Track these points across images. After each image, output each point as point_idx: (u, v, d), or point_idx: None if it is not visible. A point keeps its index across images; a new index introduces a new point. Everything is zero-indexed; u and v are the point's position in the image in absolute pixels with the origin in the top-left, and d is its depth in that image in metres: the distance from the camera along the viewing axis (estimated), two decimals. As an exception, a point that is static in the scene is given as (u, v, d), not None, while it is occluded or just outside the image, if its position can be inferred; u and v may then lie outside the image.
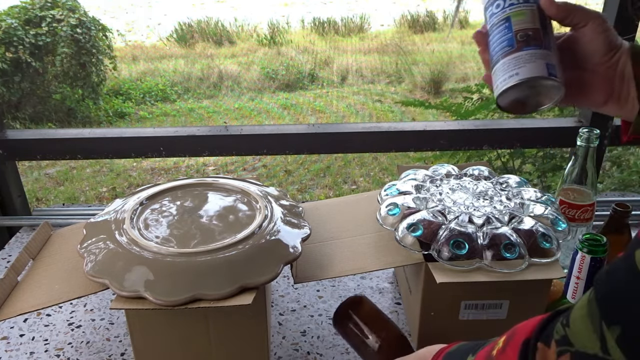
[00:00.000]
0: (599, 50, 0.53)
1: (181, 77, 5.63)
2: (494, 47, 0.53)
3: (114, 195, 3.35)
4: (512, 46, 0.51)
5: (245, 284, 0.63)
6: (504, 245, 0.68)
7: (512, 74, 0.50)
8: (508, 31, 0.52)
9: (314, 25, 7.06)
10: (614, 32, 0.53)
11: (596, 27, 0.52)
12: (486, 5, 0.56)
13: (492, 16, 0.54)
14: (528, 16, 0.52)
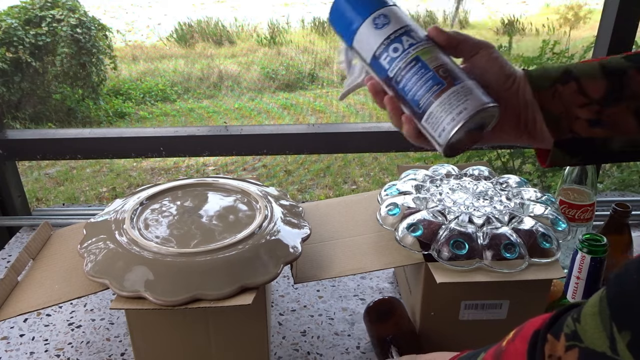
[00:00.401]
0: (496, 79, 0.50)
1: (181, 77, 5.63)
2: (414, 91, 0.48)
3: (114, 195, 3.35)
4: (441, 84, 0.47)
5: (245, 284, 0.63)
6: (504, 245, 0.68)
7: (459, 111, 0.46)
8: (426, 70, 0.47)
9: (314, 25, 7.06)
10: (506, 60, 0.51)
11: (487, 56, 0.50)
12: (375, 53, 0.49)
13: (393, 61, 0.48)
14: (435, 53, 0.49)
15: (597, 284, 0.57)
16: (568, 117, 0.48)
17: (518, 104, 0.50)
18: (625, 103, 0.47)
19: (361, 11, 0.49)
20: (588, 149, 0.49)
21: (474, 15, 7.20)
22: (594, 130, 0.48)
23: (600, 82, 0.48)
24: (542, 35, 6.06)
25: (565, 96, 0.48)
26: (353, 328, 0.83)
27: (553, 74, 0.49)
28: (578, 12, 6.32)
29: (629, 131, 0.47)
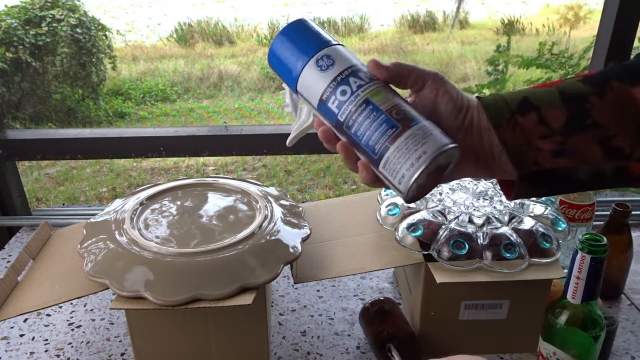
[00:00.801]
0: (447, 113, 0.46)
1: (181, 77, 5.63)
2: (367, 136, 0.44)
3: (114, 195, 3.35)
4: (396, 127, 0.43)
5: (245, 284, 0.63)
6: (504, 245, 0.68)
7: (418, 156, 0.42)
8: (378, 113, 0.43)
9: (314, 25, 7.04)
10: (457, 90, 0.47)
11: (436, 87, 0.46)
12: (322, 97, 0.45)
13: (342, 105, 0.45)
14: (386, 93, 0.45)
15: (597, 284, 0.57)
16: (531, 149, 0.45)
17: (473, 139, 0.46)
18: (588, 132, 0.44)
19: (303, 53, 0.46)
20: (554, 180, 0.46)
21: (474, 15, 7.21)
22: (559, 161, 0.45)
23: (560, 111, 0.45)
24: (542, 36, 6.06)
25: (526, 128, 0.45)
26: (353, 328, 0.83)
27: (511, 104, 0.46)
28: (578, 12, 6.32)
29: (595, 161, 0.45)
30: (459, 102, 0.46)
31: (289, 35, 0.47)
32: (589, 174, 0.46)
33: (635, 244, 0.88)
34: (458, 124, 0.46)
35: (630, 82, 0.45)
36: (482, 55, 5.81)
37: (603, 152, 0.45)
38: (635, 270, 0.97)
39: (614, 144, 0.44)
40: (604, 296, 0.87)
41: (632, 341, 0.81)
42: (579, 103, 0.45)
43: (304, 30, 0.47)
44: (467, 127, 0.46)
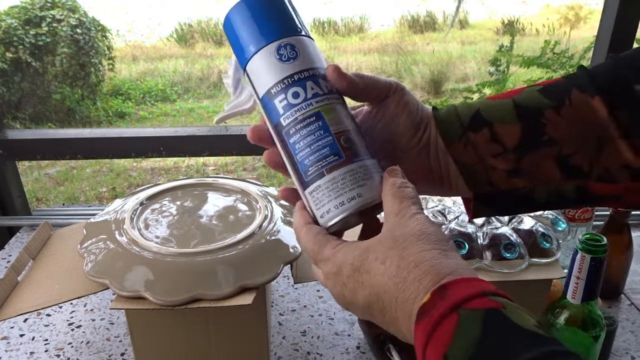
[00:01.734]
0: (403, 129, 0.43)
1: (181, 77, 5.63)
2: (305, 154, 0.39)
3: (114, 195, 3.35)
4: (339, 156, 0.38)
5: (245, 284, 0.63)
6: (504, 245, 0.68)
7: (351, 197, 0.38)
8: (325, 133, 0.38)
9: (314, 25, 7.06)
10: (416, 103, 0.44)
11: (396, 101, 0.43)
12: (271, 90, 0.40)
13: (290, 109, 0.39)
14: (341, 112, 0.40)
15: (597, 284, 0.57)
16: (484, 169, 0.42)
17: (429, 157, 0.43)
18: (544, 150, 0.41)
19: (265, 32, 0.40)
20: (511, 201, 0.43)
21: (474, 15, 7.21)
22: (514, 181, 0.42)
23: (514, 127, 0.41)
24: (542, 36, 6.06)
25: (479, 146, 0.42)
26: (353, 328, 0.83)
27: (463, 119, 0.42)
28: (579, 13, 6.32)
29: (552, 181, 0.41)
30: (417, 117, 0.43)
31: (255, 4, 0.40)
32: (548, 195, 0.42)
33: (635, 244, 0.88)
34: (415, 142, 0.43)
35: (592, 91, 0.40)
36: (482, 55, 5.81)
37: (561, 171, 0.41)
38: (635, 270, 0.97)
39: (572, 163, 0.41)
40: (604, 296, 0.87)
41: (632, 341, 0.81)
42: (534, 118, 0.41)
43: (274, 4, 0.41)
44: (424, 145, 0.43)
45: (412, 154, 0.43)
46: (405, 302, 0.34)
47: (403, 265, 0.34)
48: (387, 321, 0.36)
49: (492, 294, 0.32)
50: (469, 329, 0.30)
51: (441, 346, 0.30)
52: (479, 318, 0.30)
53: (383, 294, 0.35)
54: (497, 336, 0.30)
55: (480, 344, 0.29)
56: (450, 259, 0.34)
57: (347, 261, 0.37)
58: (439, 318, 0.31)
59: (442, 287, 0.32)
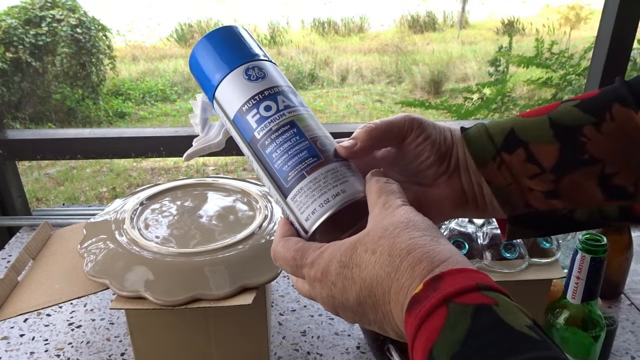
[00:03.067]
0: (429, 164, 0.42)
1: (181, 77, 5.63)
2: (283, 160, 0.39)
3: (114, 195, 3.35)
4: (317, 157, 0.39)
5: (245, 284, 0.63)
6: (504, 245, 0.68)
7: (335, 193, 0.38)
8: (301, 138, 0.39)
9: (314, 25, 7.06)
10: (438, 130, 0.42)
11: (415, 138, 0.41)
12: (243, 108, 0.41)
13: (263, 121, 0.40)
14: (313, 122, 0.41)
15: (597, 284, 0.57)
16: (519, 190, 0.40)
17: (460, 180, 0.42)
18: (584, 169, 0.38)
19: (232, 59, 0.42)
20: (549, 222, 0.41)
21: (474, 15, 7.21)
22: (552, 203, 0.40)
23: (551, 147, 0.39)
24: (542, 36, 6.06)
25: (513, 167, 0.40)
26: (353, 328, 0.83)
27: (496, 138, 0.40)
28: (579, 13, 6.32)
29: (593, 202, 0.39)
30: (442, 148, 0.42)
31: (217, 39, 0.43)
32: (590, 215, 0.40)
33: (635, 244, 0.88)
34: (443, 169, 0.42)
35: (635, 106, 0.37)
36: (482, 55, 5.81)
37: (603, 192, 0.39)
38: (635, 270, 0.97)
39: (615, 183, 0.38)
40: (604, 296, 0.87)
41: (632, 341, 0.81)
42: (572, 136, 0.39)
43: (235, 37, 0.43)
44: (454, 169, 0.42)
45: (442, 180, 0.42)
46: (398, 291, 0.32)
47: (395, 253, 0.33)
48: (379, 318, 0.35)
49: (487, 289, 0.31)
50: (456, 325, 0.29)
51: (427, 341, 0.29)
52: (468, 314, 0.29)
53: (375, 286, 0.33)
54: (484, 336, 0.28)
55: (465, 343, 0.28)
56: (442, 245, 0.33)
57: (334, 259, 0.35)
58: (429, 310, 0.30)
59: (436, 277, 0.31)
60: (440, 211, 0.42)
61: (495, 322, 0.29)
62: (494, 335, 0.28)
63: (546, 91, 3.73)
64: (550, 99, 3.51)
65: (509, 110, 3.57)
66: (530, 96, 4.03)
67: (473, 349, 0.28)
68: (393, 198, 0.37)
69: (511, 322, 0.29)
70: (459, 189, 0.42)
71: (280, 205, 0.41)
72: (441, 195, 0.41)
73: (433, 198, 0.42)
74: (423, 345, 0.29)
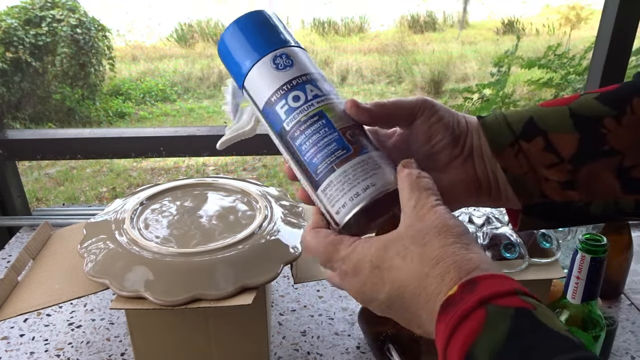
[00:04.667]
0: (443, 146, 0.41)
1: (181, 77, 5.64)
2: (312, 153, 0.39)
3: (114, 195, 3.35)
4: (347, 149, 0.38)
5: (245, 284, 0.63)
6: (504, 245, 0.68)
7: (365, 186, 0.38)
8: (330, 130, 0.39)
9: (314, 25, 7.06)
10: (451, 114, 0.42)
11: (428, 120, 0.41)
12: (271, 99, 0.40)
13: (292, 112, 0.40)
14: (340, 111, 0.40)
15: (597, 284, 0.57)
16: (535, 179, 0.40)
17: (474, 167, 0.41)
18: (603, 161, 0.39)
19: (259, 46, 0.41)
20: (564, 213, 0.41)
21: (474, 15, 7.21)
22: (568, 194, 0.40)
23: (570, 136, 0.39)
24: (542, 36, 6.06)
25: (531, 155, 0.40)
26: (353, 328, 0.83)
27: (514, 126, 0.40)
28: (579, 13, 6.32)
29: (610, 194, 0.39)
30: (456, 129, 0.41)
31: (245, 24, 0.42)
32: (604, 208, 0.40)
33: (635, 244, 0.88)
34: (456, 153, 0.41)
35: None
36: (482, 55, 5.81)
37: (621, 184, 0.39)
38: (635, 270, 0.97)
39: (633, 175, 0.39)
40: (604, 296, 0.87)
41: (632, 341, 0.81)
42: (592, 127, 0.39)
43: (264, 23, 0.42)
44: (467, 154, 0.41)
45: (455, 164, 0.41)
46: (428, 299, 0.33)
47: (425, 262, 0.33)
48: (407, 318, 0.36)
49: (524, 294, 0.31)
50: (497, 326, 0.29)
51: (466, 341, 0.30)
52: (509, 316, 0.29)
53: (404, 291, 0.34)
54: (527, 336, 0.29)
55: (508, 342, 0.28)
56: (473, 253, 0.33)
57: (365, 258, 0.36)
58: (466, 312, 0.30)
59: (470, 281, 0.31)
60: (453, 197, 0.41)
61: (536, 324, 0.29)
62: (536, 336, 0.29)
63: (546, 91, 3.73)
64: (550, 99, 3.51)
65: (509, 111, 3.57)
66: (530, 96, 4.04)
67: (516, 348, 0.28)
68: (425, 196, 0.36)
69: (551, 325, 0.29)
70: (472, 175, 0.41)
71: (311, 196, 0.40)
72: (454, 181, 0.41)
73: (446, 183, 0.41)
74: (460, 346, 0.30)
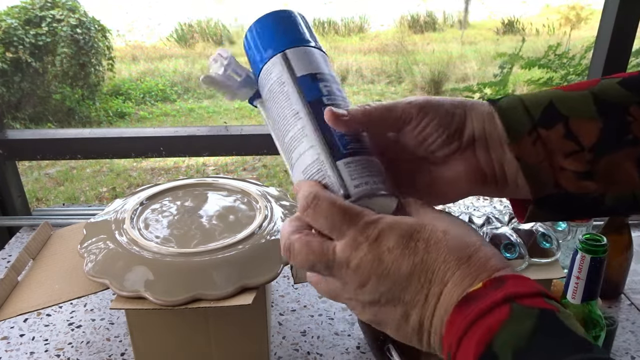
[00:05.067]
0: (440, 145, 0.39)
1: (181, 77, 5.64)
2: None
3: (114, 195, 3.35)
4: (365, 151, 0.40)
5: (245, 284, 0.63)
6: (504, 245, 0.69)
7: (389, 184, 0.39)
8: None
9: (314, 25, 7.05)
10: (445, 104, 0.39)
11: (422, 116, 0.39)
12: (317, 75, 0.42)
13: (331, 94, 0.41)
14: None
15: (597, 284, 0.57)
16: (550, 168, 0.37)
17: (475, 155, 0.39)
18: (625, 150, 0.36)
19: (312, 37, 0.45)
20: (577, 205, 0.39)
21: (474, 15, 7.21)
22: (585, 185, 0.37)
23: (593, 123, 0.37)
24: (542, 35, 6.06)
25: (550, 143, 0.37)
26: (353, 328, 0.83)
27: (533, 111, 0.38)
28: (579, 13, 6.32)
29: (630, 186, 0.37)
30: (450, 126, 0.39)
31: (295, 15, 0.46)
32: (620, 200, 0.38)
33: (635, 244, 0.88)
34: (454, 148, 0.39)
35: None
36: (482, 55, 5.81)
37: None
38: (635, 270, 0.97)
39: None
40: (604, 296, 0.87)
41: (632, 341, 0.81)
42: (617, 114, 0.37)
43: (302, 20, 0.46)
44: (467, 145, 0.39)
45: (454, 157, 0.39)
46: (464, 278, 0.32)
47: (470, 241, 0.33)
48: (416, 300, 0.33)
49: (548, 297, 0.31)
50: (521, 323, 0.29)
51: (485, 334, 0.29)
52: (534, 315, 0.29)
53: (438, 265, 0.32)
54: (549, 335, 0.29)
55: (531, 339, 0.28)
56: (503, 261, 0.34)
57: (396, 227, 0.34)
58: (489, 306, 0.30)
59: (498, 278, 0.31)
60: (457, 189, 0.40)
61: (560, 326, 0.29)
62: (559, 336, 0.29)
63: (546, 91, 3.73)
64: (564, 84, 3.51)
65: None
66: (530, 96, 4.03)
67: (539, 345, 0.28)
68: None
69: (574, 329, 0.29)
70: (474, 166, 0.39)
71: (317, 164, 0.38)
72: (455, 172, 0.39)
73: (448, 175, 0.40)
74: (479, 339, 0.29)
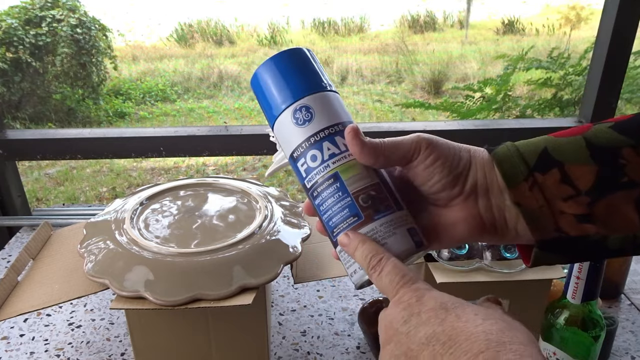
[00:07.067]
0: (442, 187, 0.39)
1: (181, 77, 5.64)
2: (329, 215, 0.39)
3: (114, 195, 3.35)
4: (358, 217, 0.38)
5: (245, 284, 0.63)
6: (504, 245, 0.68)
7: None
8: (344, 195, 0.39)
9: (314, 25, 7.06)
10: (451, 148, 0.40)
11: (424, 160, 0.39)
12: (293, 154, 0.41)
13: (311, 172, 0.40)
14: (359, 170, 0.39)
15: (597, 284, 0.57)
16: (550, 213, 0.38)
17: (476, 204, 0.40)
18: (622, 193, 0.37)
19: (283, 97, 0.41)
20: (580, 248, 0.39)
21: (474, 15, 7.21)
22: (585, 227, 0.38)
23: (588, 168, 0.37)
24: (542, 36, 6.07)
25: (547, 188, 0.38)
26: (353, 328, 0.83)
27: (528, 158, 0.39)
28: (579, 13, 6.33)
29: (630, 227, 0.37)
30: (455, 168, 0.39)
31: (278, 65, 0.41)
32: (622, 242, 0.38)
33: (635, 244, 0.88)
34: (456, 192, 0.40)
35: None
36: (482, 55, 5.82)
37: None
38: (635, 270, 0.97)
39: None
40: (604, 296, 0.87)
41: (632, 341, 0.81)
42: (611, 158, 0.37)
43: (296, 64, 0.41)
44: (469, 193, 0.39)
45: (456, 202, 0.40)
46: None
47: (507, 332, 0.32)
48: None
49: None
50: None
51: None
52: None
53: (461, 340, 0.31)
54: None
55: None
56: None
57: (437, 298, 0.34)
58: None
59: None
60: (455, 234, 0.40)
61: None
62: None
63: (546, 91, 3.73)
64: (550, 98, 3.51)
65: (509, 110, 3.57)
66: (530, 96, 4.03)
67: None
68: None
69: None
70: (475, 213, 0.40)
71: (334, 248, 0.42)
72: (456, 218, 0.40)
73: (447, 220, 0.40)
74: None
